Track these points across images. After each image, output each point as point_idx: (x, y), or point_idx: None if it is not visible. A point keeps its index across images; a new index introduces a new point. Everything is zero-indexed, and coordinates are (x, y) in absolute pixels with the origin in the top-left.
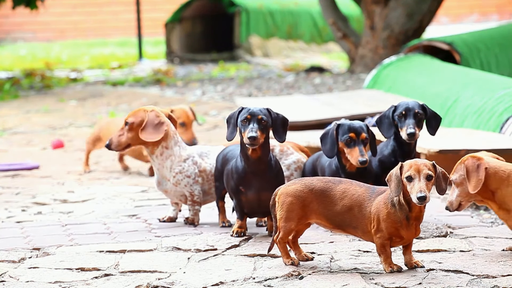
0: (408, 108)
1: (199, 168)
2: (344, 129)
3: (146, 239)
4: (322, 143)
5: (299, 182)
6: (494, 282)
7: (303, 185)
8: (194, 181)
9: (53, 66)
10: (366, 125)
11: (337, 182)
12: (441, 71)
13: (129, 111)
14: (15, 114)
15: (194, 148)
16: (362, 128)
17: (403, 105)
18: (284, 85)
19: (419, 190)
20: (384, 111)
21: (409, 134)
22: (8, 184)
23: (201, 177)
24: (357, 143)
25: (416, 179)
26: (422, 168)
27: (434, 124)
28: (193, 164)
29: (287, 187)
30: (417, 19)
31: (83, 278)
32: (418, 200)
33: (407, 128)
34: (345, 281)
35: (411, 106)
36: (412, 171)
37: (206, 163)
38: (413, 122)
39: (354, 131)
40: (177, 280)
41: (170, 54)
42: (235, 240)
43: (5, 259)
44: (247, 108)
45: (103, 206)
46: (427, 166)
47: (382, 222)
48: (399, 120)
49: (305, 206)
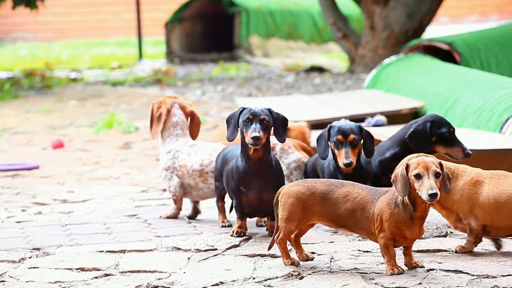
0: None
1: (179, 162)
2: (334, 131)
3: (146, 239)
4: (317, 145)
5: (302, 184)
6: (494, 282)
7: (306, 187)
8: (171, 174)
9: (53, 66)
10: (358, 126)
11: (339, 185)
12: (441, 71)
13: (129, 111)
14: (15, 114)
15: (187, 143)
16: (352, 130)
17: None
18: (284, 85)
19: (430, 187)
20: (420, 124)
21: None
22: (8, 184)
23: (181, 172)
24: (344, 145)
25: (425, 177)
26: (430, 165)
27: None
28: (172, 158)
29: (290, 188)
30: (417, 19)
31: (83, 278)
32: (429, 197)
33: (461, 150)
34: (345, 281)
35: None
36: (420, 169)
37: (191, 158)
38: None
39: (343, 133)
40: (177, 280)
41: (170, 54)
42: (235, 240)
43: (5, 259)
44: (248, 108)
45: (103, 206)
46: (434, 163)
47: (385, 222)
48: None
49: (306, 208)
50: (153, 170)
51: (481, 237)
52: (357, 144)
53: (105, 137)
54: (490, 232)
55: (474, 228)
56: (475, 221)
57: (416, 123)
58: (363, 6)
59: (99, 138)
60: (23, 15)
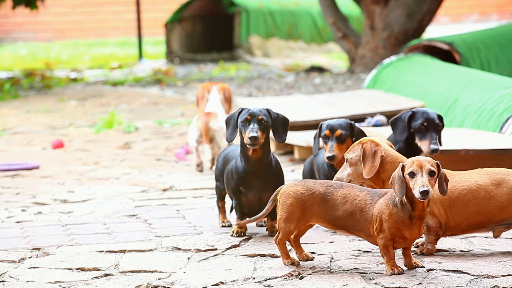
0: (428, 119)
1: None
2: (323, 126)
3: (146, 239)
4: (313, 143)
5: (301, 184)
6: (494, 282)
7: (305, 188)
8: None
9: (53, 66)
10: (349, 123)
11: (338, 187)
12: (441, 71)
13: (129, 111)
14: (15, 114)
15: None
16: (340, 125)
17: (422, 116)
18: (284, 85)
19: (422, 185)
20: (401, 114)
21: (433, 150)
22: (8, 184)
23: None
24: (330, 139)
25: (419, 175)
26: (424, 164)
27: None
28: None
29: (289, 188)
30: (417, 19)
31: (83, 278)
32: (420, 195)
33: (429, 143)
34: (345, 281)
35: (431, 117)
36: (414, 167)
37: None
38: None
39: (330, 128)
40: (177, 280)
41: (170, 54)
42: (235, 240)
43: (5, 259)
44: (247, 108)
45: (103, 206)
46: (429, 162)
47: (384, 223)
48: (418, 130)
49: (305, 209)
50: (153, 170)
51: (440, 234)
52: (344, 139)
53: (105, 137)
54: (445, 232)
55: (431, 226)
56: (432, 218)
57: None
58: (363, 6)
59: (99, 138)
60: (23, 15)
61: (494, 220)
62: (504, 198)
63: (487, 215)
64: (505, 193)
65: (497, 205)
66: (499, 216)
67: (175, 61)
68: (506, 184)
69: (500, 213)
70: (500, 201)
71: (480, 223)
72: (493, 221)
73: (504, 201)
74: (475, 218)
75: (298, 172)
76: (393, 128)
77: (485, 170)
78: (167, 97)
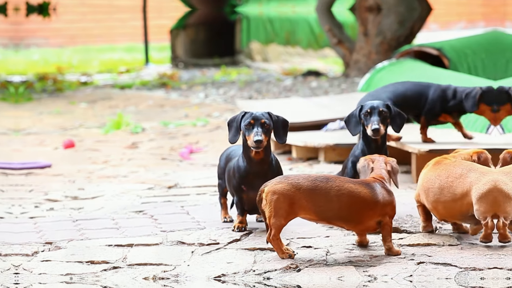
0: (373, 106)
1: None
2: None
3: (152, 234)
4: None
5: (285, 181)
6: (480, 274)
7: (290, 184)
8: None
9: (65, 71)
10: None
11: (324, 180)
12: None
13: (136, 112)
14: (28, 115)
15: None
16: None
17: (368, 104)
18: (282, 88)
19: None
20: (352, 111)
21: (374, 130)
22: (22, 182)
23: None
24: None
25: None
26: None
27: (399, 122)
28: None
29: (274, 185)
30: (408, 26)
31: (92, 271)
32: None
33: (371, 125)
34: (340, 273)
35: (376, 105)
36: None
37: None
38: (377, 119)
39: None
40: (182, 272)
41: (175, 59)
42: (236, 235)
43: (19, 252)
44: (250, 112)
45: (111, 202)
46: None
47: (388, 205)
48: (364, 118)
49: (293, 203)
50: (158, 168)
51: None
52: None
53: (114, 138)
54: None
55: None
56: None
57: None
58: (357, 14)
59: (107, 138)
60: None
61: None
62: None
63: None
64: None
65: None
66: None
67: (179, 66)
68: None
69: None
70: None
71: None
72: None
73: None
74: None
75: (296, 170)
76: (347, 126)
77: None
78: (172, 100)
